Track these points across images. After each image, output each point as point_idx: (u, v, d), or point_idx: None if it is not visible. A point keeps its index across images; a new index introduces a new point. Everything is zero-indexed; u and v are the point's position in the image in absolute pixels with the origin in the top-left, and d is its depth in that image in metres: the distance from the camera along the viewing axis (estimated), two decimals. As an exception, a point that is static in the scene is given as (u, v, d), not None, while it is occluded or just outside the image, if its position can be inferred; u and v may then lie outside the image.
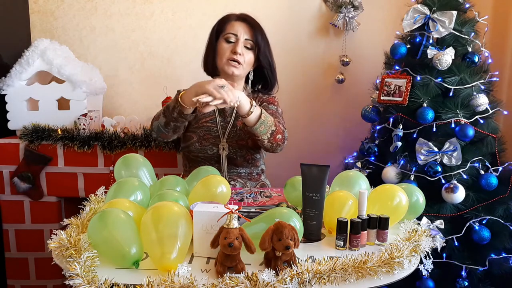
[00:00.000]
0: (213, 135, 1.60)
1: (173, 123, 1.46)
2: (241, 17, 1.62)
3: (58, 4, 2.23)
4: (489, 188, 1.69)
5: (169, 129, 1.49)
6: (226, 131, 1.60)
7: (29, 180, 1.89)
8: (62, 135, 1.86)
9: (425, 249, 1.01)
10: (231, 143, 1.59)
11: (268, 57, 1.63)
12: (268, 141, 1.46)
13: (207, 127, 1.60)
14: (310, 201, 1.05)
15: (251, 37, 1.58)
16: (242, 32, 1.57)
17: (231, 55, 1.56)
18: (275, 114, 1.60)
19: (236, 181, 1.59)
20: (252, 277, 0.80)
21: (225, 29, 1.60)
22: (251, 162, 1.64)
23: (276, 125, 1.47)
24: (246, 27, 1.59)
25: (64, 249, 0.89)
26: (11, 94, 1.91)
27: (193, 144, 1.59)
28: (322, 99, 2.41)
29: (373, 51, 2.25)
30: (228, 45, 1.58)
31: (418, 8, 1.80)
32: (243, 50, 1.57)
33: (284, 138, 1.51)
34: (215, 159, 1.59)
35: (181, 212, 0.91)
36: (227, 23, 1.60)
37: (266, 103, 1.66)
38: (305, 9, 2.30)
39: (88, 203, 1.17)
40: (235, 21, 1.60)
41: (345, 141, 2.36)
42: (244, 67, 1.59)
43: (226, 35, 1.58)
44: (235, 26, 1.58)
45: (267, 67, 1.64)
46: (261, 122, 1.41)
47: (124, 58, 2.29)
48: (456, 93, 1.74)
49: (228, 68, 1.57)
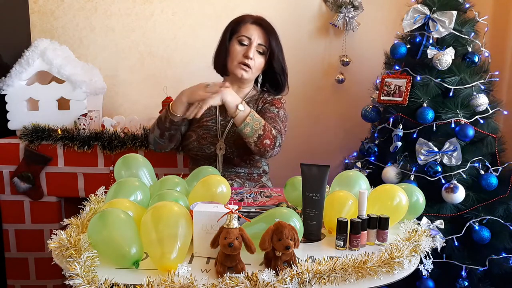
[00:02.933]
0: (212, 134, 1.60)
1: (167, 132, 1.55)
2: (257, 21, 1.60)
3: (58, 4, 2.23)
4: (489, 188, 1.69)
5: (164, 139, 1.58)
6: (225, 130, 1.60)
7: (29, 180, 1.89)
8: (62, 135, 1.86)
9: (425, 249, 1.01)
10: (228, 143, 1.58)
11: (281, 63, 1.63)
12: (255, 145, 1.45)
13: (206, 126, 1.61)
14: (310, 201, 1.05)
15: (264, 42, 1.58)
16: (256, 36, 1.57)
17: (242, 59, 1.56)
18: (273, 118, 1.57)
19: (234, 180, 1.58)
20: (252, 277, 0.80)
21: (239, 30, 1.58)
22: (249, 163, 1.63)
23: (265, 129, 1.44)
24: (261, 31, 1.58)
25: (64, 249, 0.89)
26: (11, 94, 1.91)
27: (191, 143, 1.60)
28: (322, 99, 2.41)
29: (373, 51, 2.25)
30: (240, 47, 1.57)
31: (418, 8, 1.80)
32: (254, 54, 1.57)
33: (274, 144, 1.47)
34: (213, 158, 1.59)
35: (181, 212, 0.91)
36: (242, 25, 1.59)
37: (269, 104, 1.64)
38: (305, 9, 2.30)
39: (88, 203, 1.17)
40: (250, 24, 1.59)
41: (345, 141, 2.36)
42: (253, 71, 1.59)
43: (239, 37, 1.57)
44: (250, 30, 1.57)
45: (279, 72, 1.64)
46: (245, 124, 1.41)
47: (124, 58, 2.29)
48: (456, 93, 1.75)
49: (238, 71, 1.57)
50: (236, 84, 1.65)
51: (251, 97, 1.68)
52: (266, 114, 1.58)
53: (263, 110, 1.62)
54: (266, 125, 1.46)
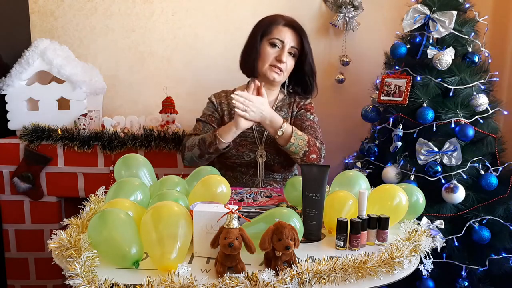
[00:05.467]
0: (250, 141, 1.57)
1: (208, 155, 1.48)
2: (290, 23, 1.57)
3: (58, 4, 2.23)
4: (489, 188, 1.69)
5: (203, 160, 1.51)
6: (263, 137, 1.57)
7: (29, 180, 1.89)
8: (62, 135, 1.86)
9: (425, 249, 1.01)
10: (269, 150, 1.56)
11: (311, 65, 1.61)
12: (301, 160, 1.45)
13: (243, 133, 1.53)
14: (310, 201, 1.05)
15: (297, 45, 1.56)
16: (289, 39, 1.54)
17: (274, 61, 1.54)
18: (313, 126, 1.57)
19: (272, 186, 1.58)
20: (252, 277, 0.80)
21: (271, 32, 1.55)
22: (287, 168, 1.62)
23: (310, 145, 1.43)
24: (294, 34, 1.56)
25: (64, 249, 0.89)
26: (11, 94, 1.91)
27: (229, 151, 1.54)
28: (322, 99, 2.40)
29: (373, 51, 2.25)
30: (273, 50, 1.54)
31: (418, 8, 1.80)
32: (287, 57, 1.54)
33: (320, 157, 1.47)
34: (252, 165, 1.57)
35: (181, 212, 0.91)
36: (273, 26, 1.56)
37: (304, 110, 1.63)
38: (305, 9, 2.30)
39: (88, 203, 1.17)
40: (282, 26, 1.56)
41: (345, 141, 2.36)
42: (285, 74, 1.57)
43: (272, 39, 1.54)
44: (283, 32, 1.54)
45: (309, 74, 1.62)
46: (290, 144, 1.40)
47: (124, 58, 2.29)
48: (456, 93, 1.74)
49: (271, 74, 1.55)
50: (265, 86, 1.58)
51: (282, 101, 1.66)
52: (305, 123, 1.57)
53: (299, 117, 1.61)
54: (309, 140, 1.44)
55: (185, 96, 2.26)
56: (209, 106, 1.67)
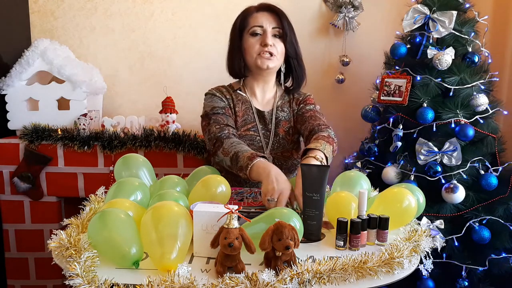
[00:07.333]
0: (256, 145, 1.51)
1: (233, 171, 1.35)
2: (262, 6, 1.49)
3: (58, 4, 2.23)
4: (489, 188, 1.69)
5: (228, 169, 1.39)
6: (269, 141, 1.52)
7: (29, 180, 1.89)
8: (62, 135, 1.86)
9: (425, 249, 1.01)
10: (276, 155, 1.51)
11: (294, 45, 1.50)
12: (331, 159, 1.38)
13: (249, 136, 1.50)
14: (310, 201, 1.05)
15: (278, 24, 1.46)
16: (267, 22, 1.45)
17: (261, 48, 1.44)
18: (314, 115, 1.51)
19: None
20: (252, 277, 0.80)
21: (248, 23, 1.47)
22: (292, 171, 1.57)
23: (331, 143, 1.35)
24: (270, 15, 1.47)
25: (64, 249, 0.89)
26: (11, 94, 1.91)
27: None
28: (322, 99, 2.40)
29: (373, 51, 2.25)
30: (255, 38, 1.46)
31: (418, 8, 1.80)
32: (273, 40, 1.45)
33: (335, 143, 1.39)
34: None
35: (181, 212, 0.91)
36: (248, 17, 1.48)
37: (304, 104, 1.58)
38: (305, 9, 2.30)
39: (88, 203, 1.17)
40: (256, 12, 1.48)
41: (345, 141, 2.36)
42: (278, 58, 1.47)
43: (251, 29, 1.46)
44: (259, 17, 1.46)
45: (293, 56, 1.51)
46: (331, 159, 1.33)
47: (124, 58, 2.29)
48: (456, 93, 1.75)
49: (262, 62, 1.45)
50: (260, 85, 1.56)
51: (282, 98, 1.59)
52: (305, 115, 1.52)
53: (300, 112, 1.56)
54: (329, 140, 1.35)
55: (185, 96, 2.26)
56: (216, 99, 1.52)
